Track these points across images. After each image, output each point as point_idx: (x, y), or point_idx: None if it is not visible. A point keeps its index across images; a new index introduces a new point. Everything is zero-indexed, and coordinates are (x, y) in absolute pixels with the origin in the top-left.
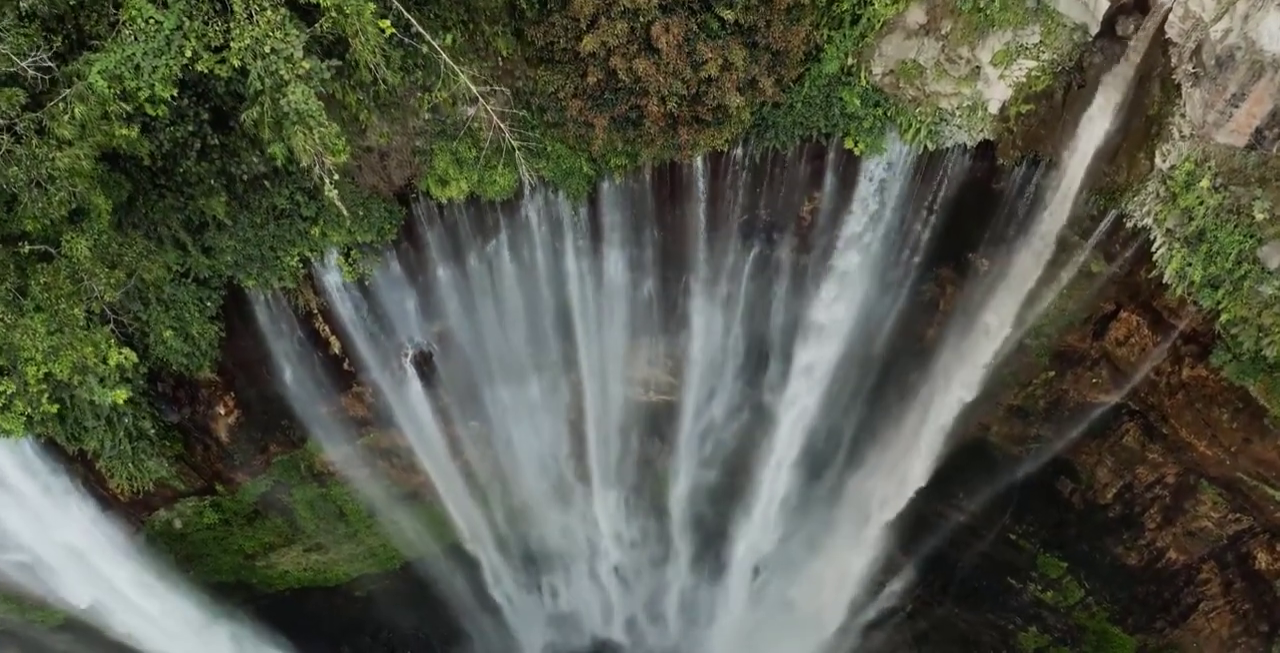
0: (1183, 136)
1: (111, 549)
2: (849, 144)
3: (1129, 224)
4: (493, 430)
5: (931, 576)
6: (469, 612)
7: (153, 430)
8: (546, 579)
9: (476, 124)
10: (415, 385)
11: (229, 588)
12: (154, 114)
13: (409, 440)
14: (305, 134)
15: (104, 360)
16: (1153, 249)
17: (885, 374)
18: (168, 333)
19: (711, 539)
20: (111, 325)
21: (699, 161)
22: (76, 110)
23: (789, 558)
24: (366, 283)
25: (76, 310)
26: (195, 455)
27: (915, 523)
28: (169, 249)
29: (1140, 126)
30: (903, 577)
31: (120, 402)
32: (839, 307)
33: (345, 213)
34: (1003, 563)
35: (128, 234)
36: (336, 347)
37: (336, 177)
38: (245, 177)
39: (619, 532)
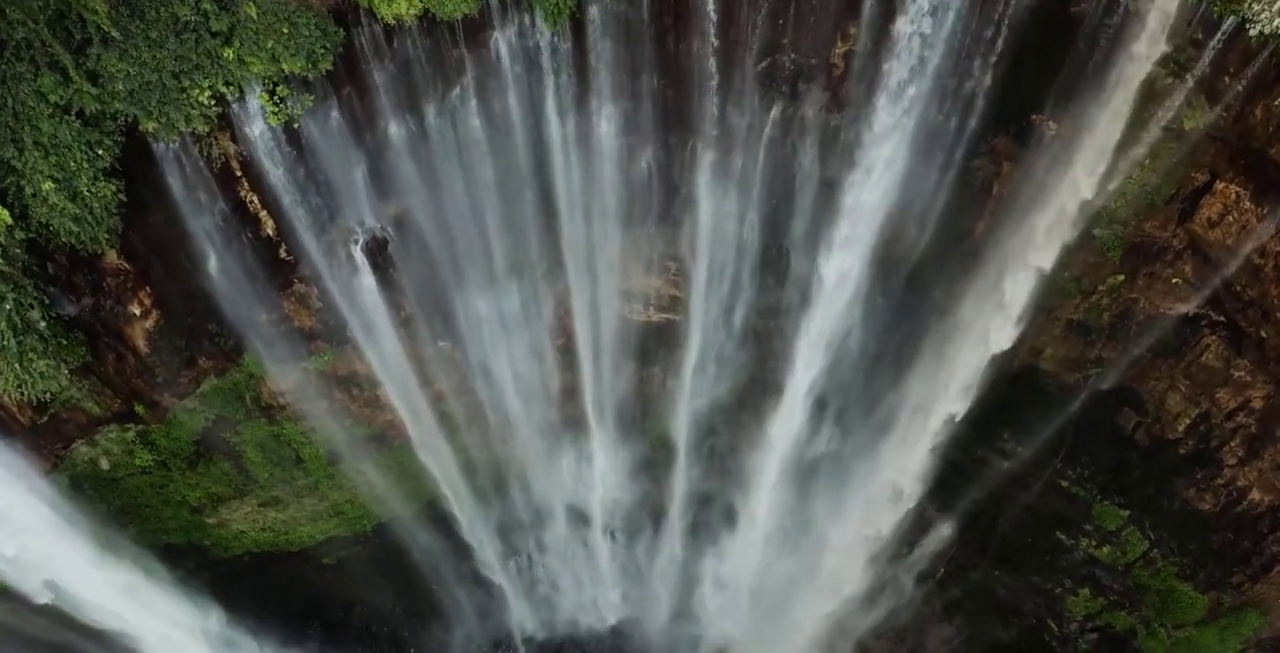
0: None
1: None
2: None
3: (1251, 33)
4: (466, 354)
5: (968, 534)
6: (449, 583)
7: (43, 323)
8: (534, 542)
9: None
10: (369, 283)
11: (179, 551)
12: None
13: (369, 364)
14: None
15: None
16: None
17: (928, 282)
18: (48, 185)
19: (716, 496)
20: None
21: None
22: None
23: (804, 518)
24: (296, 126)
25: None
26: (107, 366)
27: (950, 473)
28: (44, 72)
29: None
30: (934, 537)
31: None
32: (876, 184)
33: None
34: (1051, 516)
35: None
36: (269, 226)
37: None
38: None
39: (615, 486)
